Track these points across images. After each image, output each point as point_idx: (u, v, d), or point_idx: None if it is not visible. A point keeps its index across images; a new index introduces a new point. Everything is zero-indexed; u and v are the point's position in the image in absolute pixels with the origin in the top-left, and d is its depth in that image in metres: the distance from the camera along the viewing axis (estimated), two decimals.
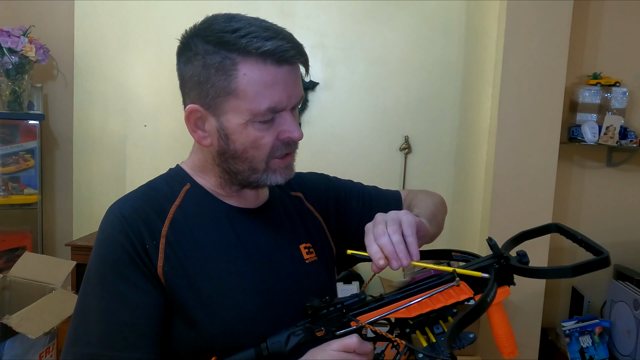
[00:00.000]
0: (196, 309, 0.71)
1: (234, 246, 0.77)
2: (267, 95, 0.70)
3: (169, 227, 0.74)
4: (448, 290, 0.70)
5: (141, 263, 0.71)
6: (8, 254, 2.09)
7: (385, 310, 0.69)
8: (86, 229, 2.25)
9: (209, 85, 0.71)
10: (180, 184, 0.80)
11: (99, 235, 0.75)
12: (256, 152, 0.74)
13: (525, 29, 1.95)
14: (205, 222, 0.77)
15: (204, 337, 0.72)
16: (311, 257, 0.85)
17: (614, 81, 2.04)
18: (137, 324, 0.69)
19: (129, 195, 0.79)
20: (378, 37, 2.14)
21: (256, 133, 0.72)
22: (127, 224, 0.72)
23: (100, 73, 2.25)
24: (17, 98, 2.08)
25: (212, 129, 0.74)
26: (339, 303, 0.70)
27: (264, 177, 0.76)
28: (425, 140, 2.17)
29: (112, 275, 0.70)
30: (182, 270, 0.72)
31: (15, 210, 2.12)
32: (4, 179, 2.09)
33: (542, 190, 1.98)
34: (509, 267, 0.73)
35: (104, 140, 2.27)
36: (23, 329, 1.22)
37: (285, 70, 0.71)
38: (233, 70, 0.70)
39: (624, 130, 2.04)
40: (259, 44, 0.70)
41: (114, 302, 0.70)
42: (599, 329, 1.93)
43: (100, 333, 0.69)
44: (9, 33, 2.01)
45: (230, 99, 0.71)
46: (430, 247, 0.85)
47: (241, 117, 0.71)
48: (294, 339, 0.70)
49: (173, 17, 2.20)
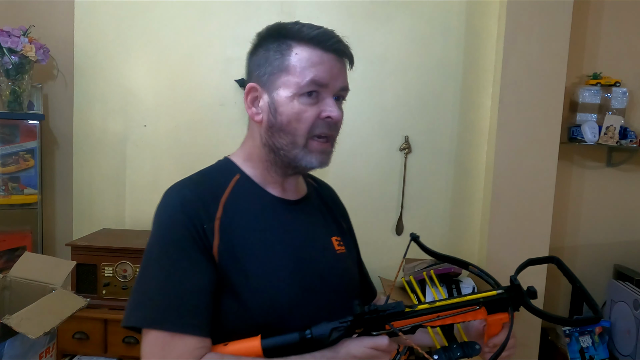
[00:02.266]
0: (242, 287, 0.80)
1: (276, 232, 0.87)
2: (312, 71, 0.83)
3: (222, 211, 0.83)
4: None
5: (200, 242, 0.79)
6: (8, 254, 2.09)
7: (416, 320, 0.80)
8: (86, 229, 2.25)
9: (267, 65, 0.85)
10: (231, 174, 0.90)
11: (160, 215, 0.82)
12: (298, 124, 0.84)
13: (525, 29, 1.95)
14: (252, 209, 0.87)
15: (247, 312, 0.80)
16: (341, 249, 0.96)
17: (614, 81, 2.04)
18: (194, 295, 0.77)
19: (185, 181, 0.87)
20: (378, 37, 2.14)
21: (300, 106, 0.83)
22: (188, 206, 0.81)
23: (100, 73, 2.25)
24: (17, 98, 2.08)
25: (264, 105, 0.86)
26: (381, 311, 0.79)
27: (301, 155, 0.85)
28: (425, 140, 2.17)
29: (175, 250, 0.79)
30: (232, 251, 0.81)
31: (15, 210, 2.12)
32: (4, 179, 2.09)
33: (542, 190, 1.98)
34: (522, 302, 0.84)
35: (104, 140, 2.27)
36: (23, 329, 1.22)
37: (330, 56, 0.85)
38: (287, 51, 0.84)
39: (624, 130, 2.04)
40: (309, 31, 0.83)
41: (175, 274, 0.77)
42: (599, 329, 1.93)
43: (161, 301, 0.77)
44: (9, 33, 2.01)
45: (282, 75, 0.84)
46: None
47: (289, 90, 0.83)
48: (335, 333, 0.79)
49: (173, 17, 2.20)
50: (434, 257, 0.96)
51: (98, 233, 2.13)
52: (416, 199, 2.18)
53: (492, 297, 0.82)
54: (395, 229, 2.20)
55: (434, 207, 2.19)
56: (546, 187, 1.98)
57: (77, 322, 1.83)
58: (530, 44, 1.95)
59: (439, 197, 2.19)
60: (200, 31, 2.20)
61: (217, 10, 2.19)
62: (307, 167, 0.87)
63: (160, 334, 0.76)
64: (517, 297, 0.83)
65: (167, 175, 2.24)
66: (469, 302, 0.82)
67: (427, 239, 2.35)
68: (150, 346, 0.76)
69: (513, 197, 2.00)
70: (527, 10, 1.94)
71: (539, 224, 2.00)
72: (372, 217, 2.20)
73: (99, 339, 1.87)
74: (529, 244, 2.00)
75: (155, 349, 0.76)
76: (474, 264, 0.93)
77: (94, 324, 1.86)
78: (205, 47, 2.21)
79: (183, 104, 2.23)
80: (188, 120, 2.23)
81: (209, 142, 2.21)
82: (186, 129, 2.23)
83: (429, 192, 2.19)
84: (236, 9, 2.19)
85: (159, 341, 0.76)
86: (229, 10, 2.19)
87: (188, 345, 0.76)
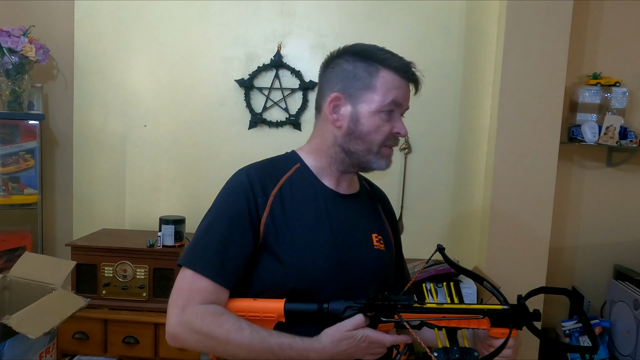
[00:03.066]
0: (283, 254, 0.94)
1: (322, 217, 1.00)
2: (394, 93, 0.99)
3: (278, 190, 0.99)
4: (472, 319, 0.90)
5: (248, 212, 0.95)
6: (8, 254, 2.10)
7: (423, 316, 0.89)
8: (86, 229, 2.25)
9: (354, 80, 0.99)
10: (293, 162, 1.05)
11: (226, 186, 1.00)
12: (376, 135, 0.99)
13: (525, 28, 1.95)
14: (305, 193, 1.01)
15: (283, 276, 0.94)
16: (379, 246, 1.06)
17: (614, 81, 2.04)
18: (227, 252, 0.93)
19: (255, 164, 1.04)
20: (378, 37, 2.14)
21: (379, 122, 0.99)
22: (248, 182, 0.97)
23: (100, 73, 2.25)
24: (17, 98, 2.08)
25: (346, 113, 1.00)
26: (393, 300, 0.88)
27: (374, 159, 1.01)
28: (425, 140, 2.17)
29: (227, 213, 0.96)
30: (279, 223, 0.95)
31: (15, 210, 2.12)
32: (4, 179, 2.09)
33: (542, 190, 1.98)
34: (525, 322, 0.89)
35: (104, 140, 2.27)
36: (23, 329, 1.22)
37: (406, 83, 1.02)
38: (375, 72, 0.99)
39: (624, 130, 2.04)
40: (395, 61, 1.00)
41: (219, 232, 0.94)
42: (599, 329, 1.93)
43: (201, 248, 0.94)
44: (9, 33, 2.01)
45: (368, 91, 0.98)
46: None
47: (372, 106, 0.98)
48: (349, 311, 0.89)
49: (173, 17, 2.20)
50: (454, 269, 1.02)
51: (98, 233, 2.13)
52: (416, 199, 2.18)
53: (496, 310, 0.88)
54: None
55: (434, 207, 2.19)
56: (546, 187, 1.98)
57: (77, 322, 1.84)
58: (530, 44, 1.95)
59: (439, 197, 2.19)
60: (200, 31, 2.20)
61: (217, 10, 2.19)
62: (377, 169, 1.03)
63: (189, 272, 0.92)
64: (521, 316, 0.88)
65: (167, 175, 2.24)
66: (474, 310, 0.88)
67: (427, 239, 2.36)
68: (180, 280, 0.93)
69: (513, 197, 2.00)
70: (527, 10, 1.94)
71: (539, 224, 2.00)
72: None
73: (99, 339, 1.87)
74: (529, 244, 2.00)
75: (181, 282, 0.93)
76: (489, 281, 0.99)
77: (94, 324, 1.86)
78: (205, 47, 2.21)
79: (183, 104, 2.23)
80: (188, 120, 2.23)
81: (209, 142, 2.21)
82: (186, 129, 2.23)
83: (429, 192, 2.18)
84: (236, 9, 2.19)
85: (186, 277, 0.92)
86: (229, 10, 2.19)
87: (203, 286, 0.91)
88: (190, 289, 0.91)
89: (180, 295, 0.91)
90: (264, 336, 0.88)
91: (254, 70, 2.17)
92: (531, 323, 0.88)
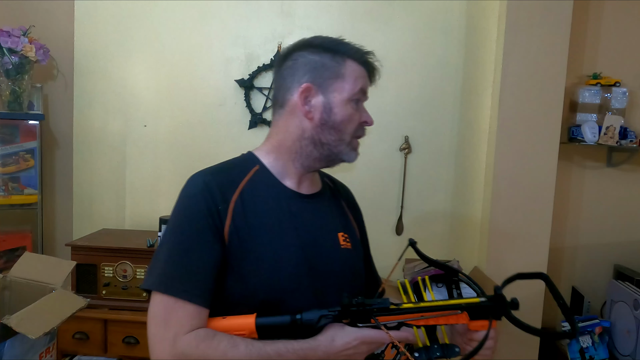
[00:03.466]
0: (248, 265, 0.89)
1: (286, 221, 0.95)
2: (361, 82, 0.99)
3: (238, 196, 0.93)
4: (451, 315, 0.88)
5: (212, 221, 0.89)
6: (8, 254, 2.09)
7: (400, 317, 0.86)
8: (86, 229, 2.25)
9: (323, 70, 0.97)
10: (252, 164, 1.00)
11: (182, 194, 0.93)
12: (348, 125, 0.98)
13: (525, 28, 1.95)
14: (267, 197, 0.96)
15: (250, 289, 0.89)
16: (346, 245, 1.03)
17: (614, 81, 2.04)
18: (199, 268, 0.87)
19: (209, 168, 0.98)
20: (378, 37, 2.14)
21: (351, 110, 0.98)
22: (206, 188, 0.91)
23: (100, 73, 2.25)
24: (17, 98, 2.08)
25: (318, 104, 0.97)
26: (368, 305, 0.85)
27: (346, 150, 0.99)
28: (425, 140, 2.17)
29: (188, 226, 0.89)
30: (242, 232, 0.90)
31: (15, 211, 2.12)
32: (4, 179, 2.09)
33: (542, 190, 1.98)
34: (504, 312, 0.88)
35: (104, 140, 2.27)
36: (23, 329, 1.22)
37: (367, 73, 1.02)
38: (342, 62, 0.98)
39: (624, 130, 2.04)
40: (357, 51, 1.00)
41: (185, 249, 0.88)
42: (599, 329, 1.93)
43: (171, 268, 0.87)
44: (9, 33, 2.01)
45: (338, 80, 0.97)
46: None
47: (344, 95, 0.97)
48: (324, 320, 0.86)
49: (173, 17, 2.20)
50: (427, 263, 1.00)
51: (98, 233, 2.13)
52: (416, 199, 2.18)
53: (474, 304, 0.87)
54: (395, 229, 2.20)
55: (434, 207, 2.19)
56: (546, 187, 1.98)
57: (77, 322, 1.83)
58: (530, 44, 1.95)
59: (439, 197, 2.19)
60: (200, 31, 2.20)
61: (217, 10, 2.19)
62: (347, 161, 1.01)
63: (165, 298, 0.85)
64: (499, 307, 0.87)
65: (167, 175, 2.24)
66: (452, 306, 0.87)
67: (427, 239, 2.36)
68: (156, 307, 0.86)
69: (513, 197, 2.00)
70: (527, 10, 1.94)
71: (539, 224, 2.00)
72: (372, 217, 2.17)
73: (99, 339, 1.87)
74: (529, 244, 2.00)
75: (160, 310, 0.86)
76: (463, 272, 0.99)
77: (94, 324, 1.86)
78: (205, 47, 2.21)
79: (183, 104, 2.23)
80: (188, 120, 2.23)
81: (209, 142, 2.21)
82: (186, 129, 2.23)
83: (429, 192, 2.18)
84: (236, 9, 2.19)
85: (164, 304, 0.85)
86: (229, 10, 2.19)
87: (188, 312, 0.85)
88: (177, 317, 0.84)
89: (167, 328, 0.84)
90: (259, 347, 0.85)
91: (254, 70, 2.17)
92: (509, 312, 0.87)
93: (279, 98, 1.02)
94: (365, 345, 0.87)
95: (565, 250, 2.20)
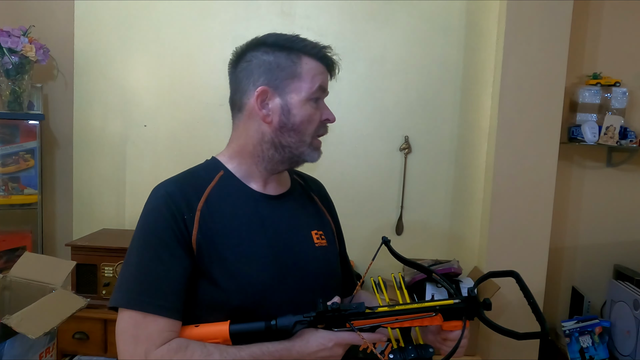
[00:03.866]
0: (219, 271, 0.87)
1: (255, 224, 0.94)
2: (319, 79, 0.95)
3: (204, 203, 0.91)
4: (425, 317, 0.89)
5: (178, 232, 0.87)
6: (8, 254, 2.10)
7: (375, 321, 0.87)
8: (86, 229, 2.25)
9: (278, 70, 0.94)
10: (216, 170, 0.98)
11: (145, 208, 0.91)
12: (308, 125, 0.95)
13: (525, 28, 1.95)
14: (234, 202, 0.94)
15: (223, 295, 0.87)
16: (321, 243, 1.02)
17: (614, 81, 2.04)
18: (168, 281, 0.85)
19: (172, 178, 0.96)
20: (378, 37, 2.14)
21: (310, 110, 0.95)
22: (170, 199, 0.89)
23: (100, 73, 2.25)
24: (17, 98, 2.08)
25: (275, 106, 0.94)
26: (343, 310, 0.86)
27: (307, 151, 0.97)
28: (425, 140, 2.17)
29: (154, 239, 0.87)
30: (211, 239, 0.88)
31: (15, 211, 2.12)
32: (4, 179, 2.09)
33: (542, 190, 1.98)
34: (476, 313, 0.89)
35: (104, 140, 2.27)
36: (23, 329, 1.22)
37: (326, 69, 0.98)
38: (298, 60, 0.94)
39: (624, 130, 2.04)
40: (314, 47, 0.96)
41: (152, 261, 0.86)
42: (599, 329, 1.93)
43: (138, 284, 0.85)
44: (9, 33, 2.01)
45: (295, 80, 0.94)
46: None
47: (302, 94, 0.94)
48: (299, 326, 0.86)
49: (173, 17, 2.20)
50: (401, 262, 1.00)
51: (98, 233, 2.13)
52: (416, 199, 2.18)
53: (448, 305, 0.88)
54: (395, 229, 2.20)
55: (434, 207, 2.19)
56: (546, 187, 1.98)
57: (77, 322, 1.84)
58: (530, 44, 1.95)
59: (439, 197, 2.19)
60: (201, 31, 2.20)
61: (217, 10, 2.19)
62: (309, 161, 0.99)
63: (133, 314, 0.83)
64: (473, 308, 0.88)
65: (167, 175, 2.20)
66: (427, 309, 0.88)
67: (427, 239, 2.36)
68: (124, 324, 0.84)
69: (513, 197, 2.00)
70: (527, 10, 1.94)
71: (539, 224, 2.00)
72: (372, 217, 2.20)
73: (98, 339, 1.87)
74: (529, 244, 2.00)
75: (129, 327, 0.84)
76: (437, 273, 0.99)
77: (94, 324, 1.86)
78: (205, 47, 2.21)
79: (183, 104, 2.23)
80: (188, 120, 2.23)
81: (209, 142, 2.21)
82: (186, 129, 2.23)
83: (429, 192, 2.18)
84: (236, 9, 2.19)
85: (132, 320, 0.83)
86: (229, 10, 2.19)
87: (159, 326, 0.83)
88: (147, 332, 0.82)
89: (138, 344, 0.82)
90: (233, 353, 0.83)
91: None
92: (481, 313, 0.88)
93: (237, 101, 1.00)
94: (339, 348, 0.87)
95: (565, 250, 2.20)
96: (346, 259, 1.18)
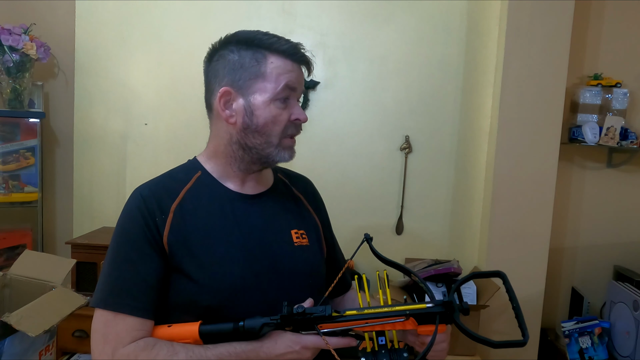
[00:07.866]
0: (193, 271, 0.88)
1: (231, 224, 0.93)
2: (286, 78, 0.92)
3: (178, 204, 0.92)
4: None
5: (149, 233, 0.88)
6: (8, 251, 2.10)
7: (344, 325, 0.86)
8: (86, 227, 2.26)
9: (242, 71, 0.92)
10: (194, 171, 0.99)
11: (122, 212, 0.92)
12: (274, 127, 0.93)
13: (526, 29, 1.95)
14: (209, 202, 0.94)
15: (198, 294, 0.88)
16: (301, 242, 1.00)
17: (615, 82, 2.04)
18: (138, 281, 0.87)
19: (150, 181, 0.97)
20: (379, 36, 2.14)
21: (275, 111, 0.92)
22: (143, 202, 0.90)
23: (101, 71, 2.25)
24: (17, 96, 2.08)
25: (239, 107, 0.93)
26: (308, 313, 0.85)
27: (275, 152, 0.94)
28: (425, 140, 2.17)
29: (126, 242, 0.89)
30: (184, 239, 0.89)
31: (15, 208, 2.12)
32: (5, 177, 2.09)
33: (542, 191, 1.98)
34: (451, 318, 0.87)
35: (104, 138, 2.27)
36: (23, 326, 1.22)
37: (297, 66, 0.95)
38: (263, 59, 0.92)
39: (625, 131, 2.04)
40: (282, 44, 0.92)
41: (124, 263, 0.88)
42: (599, 329, 1.93)
43: (110, 284, 0.87)
44: (10, 31, 2.01)
45: (258, 80, 0.91)
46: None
47: (265, 95, 0.91)
48: (266, 328, 0.86)
49: (174, 16, 2.20)
50: (381, 261, 0.97)
51: (98, 231, 2.13)
52: (416, 199, 2.18)
53: (420, 310, 0.87)
54: (395, 229, 2.20)
55: (434, 207, 2.19)
56: (546, 187, 1.98)
57: (77, 320, 1.82)
58: (531, 44, 1.95)
59: (439, 197, 2.19)
60: (201, 30, 2.20)
61: (218, 10, 2.19)
62: (280, 162, 0.97)
63: (105, 313, 0.86)
64: (447, 313, 0.86)
65: None
66: (397, 313, 0.86)
67: (427, 239, 2.36)
68: (97, 323, 0.87)
69: (513, 197, 2.00)
70: (528, 10, 1.94)
71: (539, 224, 2.00)
72: (372, 217, 2.20)
73: None
74: (529, 244, 2.00)
75: (100, 325, 0.86)
76: (417, 274, 0.96)
77: None
78: (206, 46, 2.16)
79: (183, 102, 2.23)
80: (188, 118, 2.23)
81: None
82: (186, 128, 2.23)
83: (429, 192, 2.19)
84: (237, 9, 2.19)
85: (103, 319, 0.86)
86: (229, 10, 2.19)
87: (127, 325, 0.85)
88: (115, 331, 0.84)
89: (106, 342, 0.84)
90: (200, 353, 0.84)
91: None
92: (456, 318, 0.86)
93: (207, 101, 1.00)
94: (307, 351, 0.86)
95: (565, 250, 2.20)
96: (337, 257, 1.16)
